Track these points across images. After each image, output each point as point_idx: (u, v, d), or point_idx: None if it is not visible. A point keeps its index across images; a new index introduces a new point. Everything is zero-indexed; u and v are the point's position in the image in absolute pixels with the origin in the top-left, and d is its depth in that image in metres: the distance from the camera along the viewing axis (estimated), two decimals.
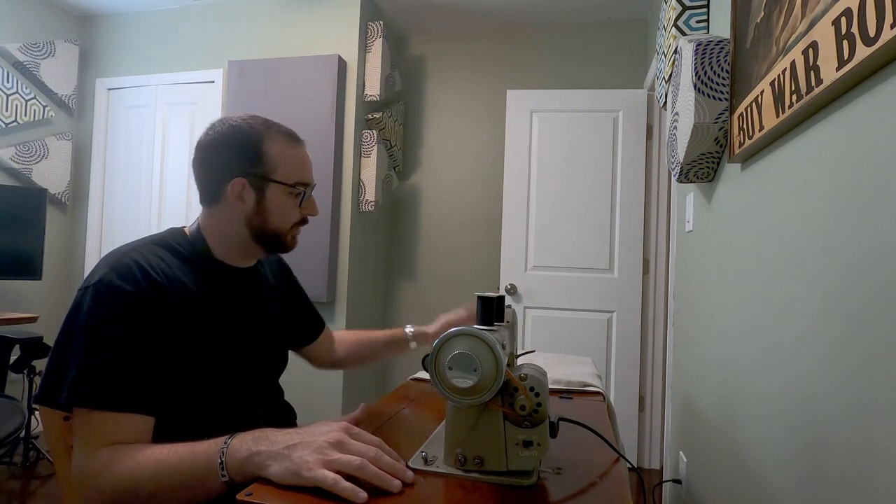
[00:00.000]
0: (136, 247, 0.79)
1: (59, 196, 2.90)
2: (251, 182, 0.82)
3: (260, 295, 0.93)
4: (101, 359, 0.69)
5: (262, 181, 0.82)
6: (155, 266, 0.76)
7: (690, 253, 1.68)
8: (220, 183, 0.83)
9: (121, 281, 0.72)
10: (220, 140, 0.83)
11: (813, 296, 0.78)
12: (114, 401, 0.68)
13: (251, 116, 0.85)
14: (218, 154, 0.83)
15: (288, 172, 0.84)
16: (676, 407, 1.84)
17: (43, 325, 2.61)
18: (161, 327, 0.74)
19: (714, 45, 1.19)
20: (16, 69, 2.73)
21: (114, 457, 0.66)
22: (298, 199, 0.86)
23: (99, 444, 0.68)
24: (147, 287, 0.73)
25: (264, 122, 0.85)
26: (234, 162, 0.82)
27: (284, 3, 2.69)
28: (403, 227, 3.08)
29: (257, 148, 0.82)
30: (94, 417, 0.68)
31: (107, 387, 0.68)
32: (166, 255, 0.80)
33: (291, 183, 0.84)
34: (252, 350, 0.88)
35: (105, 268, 0.73)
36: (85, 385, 0.68)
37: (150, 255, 0.77)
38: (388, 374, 3.06)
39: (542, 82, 2.88)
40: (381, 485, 0.57)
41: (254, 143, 0.82)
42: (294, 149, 0.86)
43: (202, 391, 0.80)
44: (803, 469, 0.79)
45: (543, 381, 0.61)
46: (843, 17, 0.63)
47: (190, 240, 0.85)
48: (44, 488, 2.12)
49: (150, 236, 0.84)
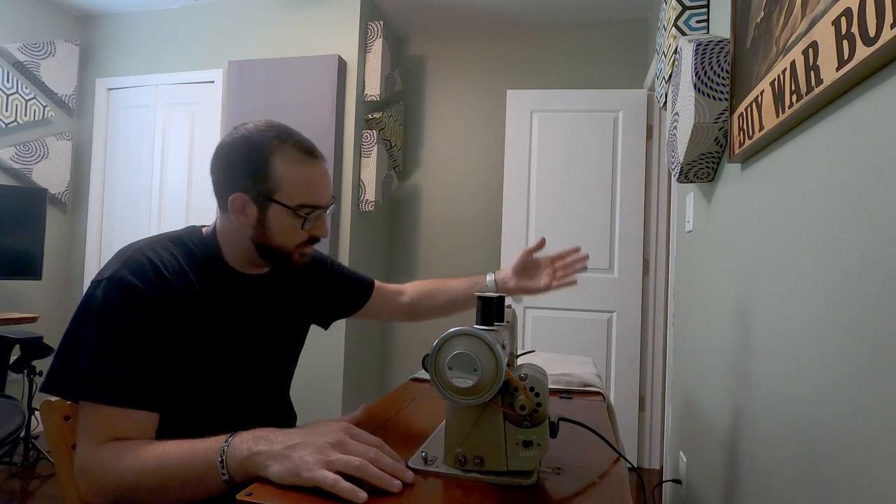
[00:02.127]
0: (152, 243, 0.79)
1: (59, 196, 2.90)
2: (253, 198, 0.79)
3: (269, 303, 0.90)
4: (110, 354, 0.69)
5: (264, 199, 0.79)
6: (167, 264, 0.76)
7: (690, 253, 1.68)
8: (225, 194, 0.81)
9: (133, 277, 0.72)
10: (230, 149, 0.80)
11: (813, 296, 0.78)
12: (122, 396, 0.69)
13: (268, 125, 0.81)
14: (226, 163, 0.81)
15: (291, 194, 0.79)
16: (676, 407, 1.84)
17: (43, 325, 2.61)
18: (168, 326, 0.74)
19: (714, 45, 1.19)
20: (16, 69, 2.73)
21: (118, 452, 0.67)
22: (303, 221, 0.81)
23: (104, 439, 0.68)
24: (157, 285, 0.73)
25: (279, 135, 0.80)
26: (238, 175, 0.79)
27: (284, 3, 2.69)
28: (403, 227, 3.08)
29: (263, 164, 0.78)
30: (101, 412, 0.69)
31: (116, 382, 0.69)
32: (181, 254, 0.80)
33: (293, 206, 0.79)
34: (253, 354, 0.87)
35: (118, 263, 0.74)
36: (94, 379, 0.68)
37: (165, 253, 0.77)
38: (388, 374, 3.06)
39: (542, 82, 2.88)
40: (381, 485, 0.57)
41: (260, 159, 0.78)
42: (305, 167, 0.80)
43: (204, 391, 0.80)
44: (803, 469, 0.79)
45: (543, 381, 0.61)
46: (843, 17, 0.63)
47: (205, 241, 0.84)
48: (44, 488, 2.12)
49: (167, 233, 0.84)
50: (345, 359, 2.53)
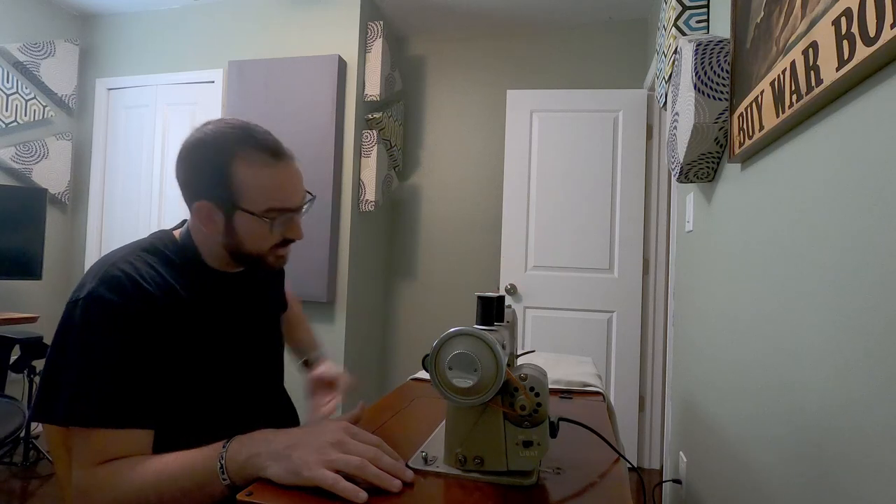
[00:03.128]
0: (124, 255, 0.75)
1: (59, 196, 2.90)
2: (217, 206, 0.76)
3: (254, 298, 0.90)
4: (95, 375, 0.67)
5: (229, 206, 0.75)
6: (145, 275, 0.73)
7: (690, 253, 1.68)
8: (189, 200, 0.78)
9: (110, 293, 0.69)
10: (190, 153, 0.77)
11: (813, 295, 0.78)
12: (111, 417, 0.67)
13: (229, 126, 0.77)
14: (186, 168, 0.77)
15: (257, 199, 0.75)
16: (676, 407, 1.84)
17: (43, 325, 2.61)
18: (154, 337, 0.71)
19: (714, 45, 1.19)
20: (16, 69, 2.73)
21: (114, 472, 0.65)
22: (273, 225, 0.78)
23: (98, 461, 0.66)
24: (137, 298, 0.70)
25: (240, 137, 0.75)
26: (199, 182, 0.76)
27: (284, 3, 2.69)
28: (403, 227, 3.08)
29: (222, 170, 0.74)
30: (93, 435, 0.66)
31: (103, 404, 0.66)
32: (156, 262, 0.77)
33: (259, 212, 0.76)
34: (249, 355, 0.87)
35: (93, 280, 0.70)
36: (81, 403, 0.66)
37: (140, 264, 0.74)
38: (388, 374, 3.06)
39: (542, 82, 2.88)
40: (381, 485, 0.57)
41: (219, 165, 0.74)
42: (270, 170, 0.76)
43: (201, 399, 0.79)
44: (803, 469, 0.79)
45: (543, 381, 0.61)
46: (843, 17, 0.63)
47: (180, 245, 0.82)
48: (44, 488, 2.12)
49: (138, 242, 0.80)
50: (345, 359, 2.53)
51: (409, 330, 3.04)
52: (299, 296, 2.46)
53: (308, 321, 1.19)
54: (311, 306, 2.52)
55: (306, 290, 2.46)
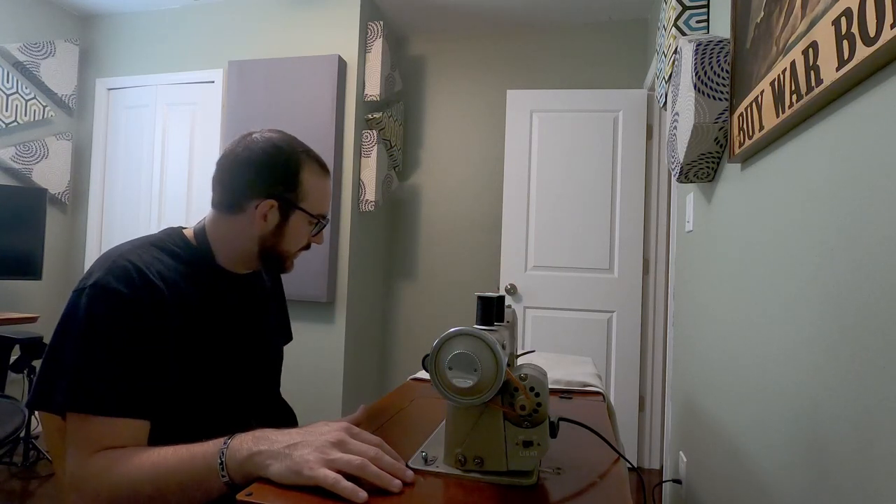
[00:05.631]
0: (133, 248, 0.77)
1: (59, 196, 2.90)
2: (280, 205, 0.83)
3: (257, 301, 0.93)
4: (96, 363, 0.68)
5: (290, 207, 0.84)
6: (152, 268, 0.74)
7: (690, 253, 1.68)
8: (247, 198, 0.82)
9: (117, 283, 0.70)
10: (259, 157, 0.82)
11: (814, 295, 0.78)
12: (110, 406, 0.67)
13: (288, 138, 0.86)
14: (255, 170, 0.82)
15: (315, 204, 0.86)
16: (676, 407, 1.84)
17: (43, 325, 2.61)
18: (158, 330, 0.72)
19: (714, 45, 1.19)
20: (16, 69, 2.73)
21: (110, 461, 0.65)
22: (313, 229, 0.88)
23: (94, 450, 0.67)
24: (144, 289, 0.71)
25: (302, 148, 0.86)
26: (269, 182, 0.82)
27: (284, 3, 2.69)
28: (403, 227, 3.08)
29: (296, 175, 0.83)
30: (90, 422, 0.67)
31: (103, 392, 0.67)
32: (164, 257, 0.79)
33: (315, 214, 0.87)
34: (247, 355, 0.88)
35: (101, 270, 0.72)
36: (80, 390, 0.67)
37: (148, 257, 0.76)
38: (388, 374, 3.06)
39: (542, 82, 2.88)
40: (381, 484, 0.57)
41: (293, 170, 0.83)
42: (324, 181, 0.88)
43: (198, 394, 0.79)
44: (803, 469, 0.79)
45: (543, 381, 0.61)
46: (843, 17, 0.63)
47: (190, 242, 0.84)
48: (44, 488, 2.12)
49: (147, 237, 0.82)
50: (345, 359, 2.53)
51: (409, 330, 3.04)
52: (299, 296, 2.48)
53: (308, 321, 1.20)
54: (311, 306, 2.53)
55: (306, 290, 2.46)
